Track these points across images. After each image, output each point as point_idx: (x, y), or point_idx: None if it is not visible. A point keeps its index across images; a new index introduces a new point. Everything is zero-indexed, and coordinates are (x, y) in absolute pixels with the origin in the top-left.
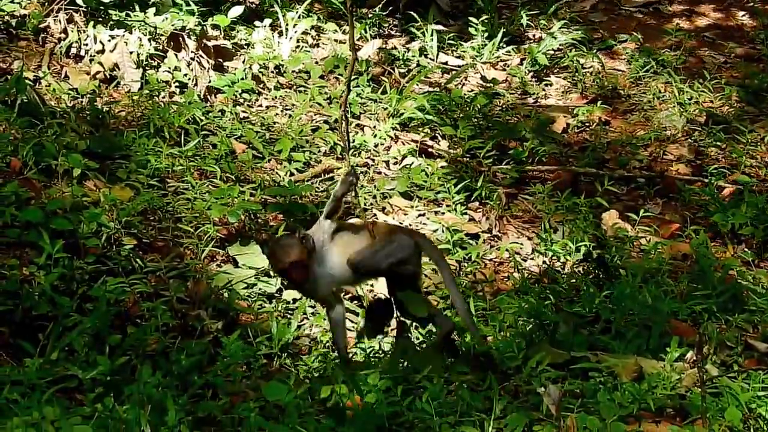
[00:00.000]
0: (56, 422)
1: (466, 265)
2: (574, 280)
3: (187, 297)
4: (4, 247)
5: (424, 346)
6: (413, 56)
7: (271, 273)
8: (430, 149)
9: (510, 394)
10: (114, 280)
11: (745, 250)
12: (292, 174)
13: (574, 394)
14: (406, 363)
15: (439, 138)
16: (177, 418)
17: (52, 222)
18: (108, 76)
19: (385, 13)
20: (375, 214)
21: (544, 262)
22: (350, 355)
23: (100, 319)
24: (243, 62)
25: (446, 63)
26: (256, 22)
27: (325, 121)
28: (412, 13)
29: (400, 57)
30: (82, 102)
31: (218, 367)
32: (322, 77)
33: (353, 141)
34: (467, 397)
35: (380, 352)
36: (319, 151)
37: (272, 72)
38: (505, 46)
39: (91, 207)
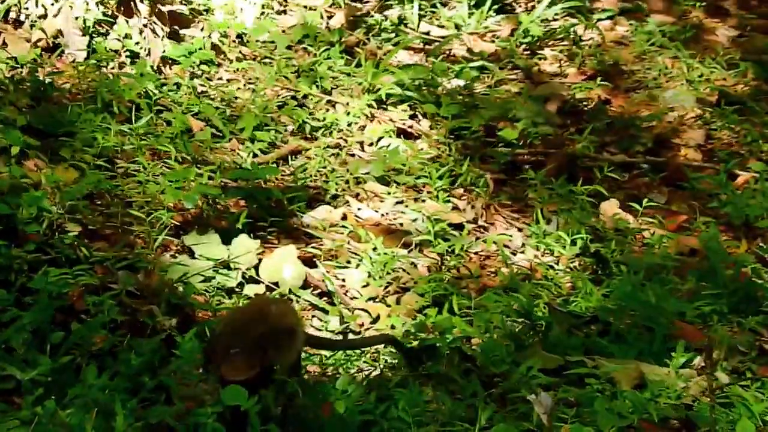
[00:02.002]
0: None
1: (448, 258)
2: (569, 277)
3: (138, 290)
4: None
5: None
6: (391, 25)
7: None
8: (409, 129)
9: (497, 402)
10: (56, 271)
11: (761, 245)
12: (255, 155)
13: (569, 403)
14: None
15: (420, 117)
16: (126, 424)
17: None
18: (51, 44)
19: None
20: (348, 201)
21: (535, 256)
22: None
23: (41, 313)
24: (201, 30)
25: (428, 33)
26: None
27: (293, 97)
28: None
29: (377, 26)
30: (21, 72)
31: (172, 368)
32: (289, 48)
33: (323, 119)
34: (449, 405)
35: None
36: (286, 130)
37: (234, 41)
38: (494, 14)
39: (31, 189)
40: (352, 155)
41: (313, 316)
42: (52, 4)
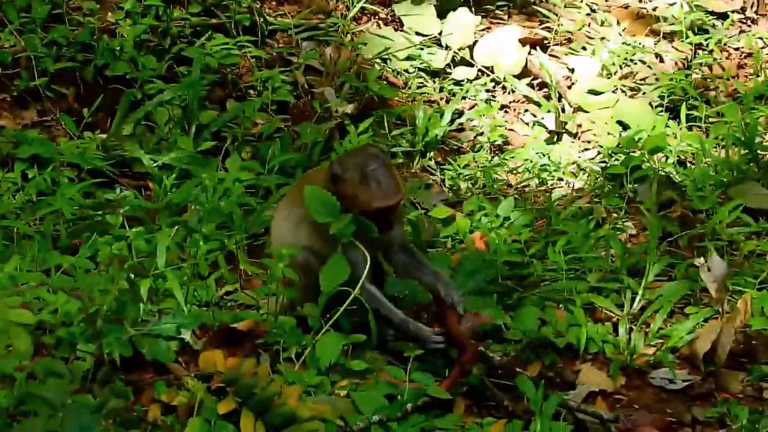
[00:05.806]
0: None
1: (699, 53)
2: None
3: (322, 65)
4: None
5: None
6: None
7: None
8: None
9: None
10: (221, 39)
11: None
12: None
13: None
14: None
15: None
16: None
17: None
18: None
19: None
20: None
21: None
22: None
23: (193, 87)
24: None
25: None
26: None
27: None
28: None
29: None
30: None
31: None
32: None
33: None
34: (618, 250)
35: None
36: None
37: None
38: None
39: None
40: None
41: (525, 110)
42: None
